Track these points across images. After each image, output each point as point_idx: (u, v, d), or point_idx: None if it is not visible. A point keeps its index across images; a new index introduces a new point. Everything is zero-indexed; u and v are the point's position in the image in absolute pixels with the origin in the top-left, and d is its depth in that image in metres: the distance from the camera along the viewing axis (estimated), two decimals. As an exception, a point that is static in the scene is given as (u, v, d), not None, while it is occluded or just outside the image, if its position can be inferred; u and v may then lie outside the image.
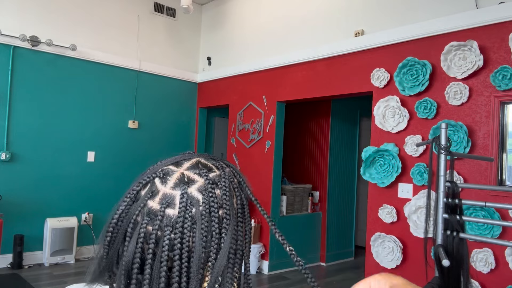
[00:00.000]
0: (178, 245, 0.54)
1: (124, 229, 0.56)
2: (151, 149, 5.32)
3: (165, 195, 0.57)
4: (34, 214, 4.38)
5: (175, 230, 0.54)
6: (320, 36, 4.15)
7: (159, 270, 0.53)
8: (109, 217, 0.58)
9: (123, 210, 0.58)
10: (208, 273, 0.54)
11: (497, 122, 2.82)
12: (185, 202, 0.56)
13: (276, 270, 4.58)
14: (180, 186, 0.58)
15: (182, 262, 0.53)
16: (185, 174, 0.59)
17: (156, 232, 0.55)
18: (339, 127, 5.24)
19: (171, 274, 0.53)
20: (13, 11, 4.30)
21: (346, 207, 5.33)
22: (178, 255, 0.53)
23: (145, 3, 5.32)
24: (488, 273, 2.76)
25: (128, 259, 0.54)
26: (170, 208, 0.56)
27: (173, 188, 0.58)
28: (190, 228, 0.55)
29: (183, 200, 0.56)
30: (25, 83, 4.37)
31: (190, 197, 0.57)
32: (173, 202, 0.56)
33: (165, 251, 0.53)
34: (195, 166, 0.61)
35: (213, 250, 0.55)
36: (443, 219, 1.74)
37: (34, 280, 3.88)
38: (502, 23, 2.82)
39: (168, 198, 0.57)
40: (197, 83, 5.84)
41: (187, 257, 0.54)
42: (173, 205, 0.56)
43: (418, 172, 3.18)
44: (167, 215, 0.56)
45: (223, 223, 0.57)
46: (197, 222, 0.55)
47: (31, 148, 4.40)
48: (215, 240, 0.55)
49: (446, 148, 1.78)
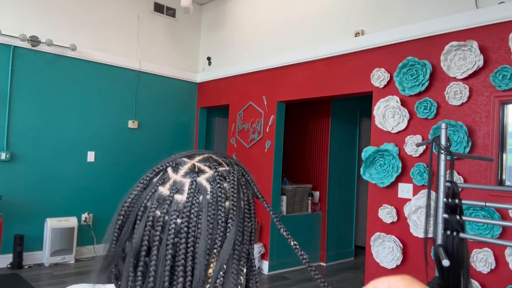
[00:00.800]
0: (184, 229, 0.56)
1: (135, 213, 0.58)
2: (151, 149, 5.32)
3: (175, 182, 0.60)
4: (34, 214, 4.38)
5: (182, 215, 0.56)
6: (320, 36, 4.15)
7: (165, 253, 0.55)
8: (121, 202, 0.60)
9: (135, 195, 0.60)
10: (213, 260, 0.56)
11: (497, 122, 2.82)
12: (194, 189, 0.58)
13: (276, 270, 4.58)
14: (190, 174, 0.60)
15: (187, 246, 0.55)
16: (196, 165, 0.62)
17: (164, 216, 0.57)
18: (339, 127, 5.24)
19: (176, 258, 0.55)
20: (13, 11, 4.30)
21: (346, 207, 5.33)
22: (184, 239, 0.55)
23: (145, 3, 5.32)
24: (488, 273, 2.76)
25: (136, 241, 0.56)
26: (179, 194, 0.59)
27: (183, 176, 0.61)
28: (196, 214, 0.57)
29: (192, 187, 0.59)
30: (25, 83, 4.37)
31: (199, 185, 0.59)
32: (182, 189, 0.59)
33: (171, 235, 0.55)
34: (206, 159, 0.64)
35: (218, 238, 0.56)
36: (443, 219, 1.74)
37: (34, 280, 3.88)
38: (502, 23, 2.82)
39: (178, 185, 0.59)
40: (197, 83, 5.84)
41: (192, 242, 0.55)
42: (182, 191, 0.59)
43: (418, 172, 3.18)
44: (175, 200, 0.58)
45: (230, 213, 0.59)
46: (203, 209, 0.57)
47: (31, 148, 4.40)
48: (220, 229, 0.57)
49: (446, 148, 1.78)
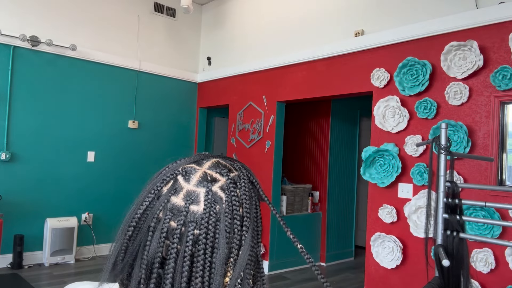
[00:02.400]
0: (202, 240, 0.56)
1: (147, 225, 0.58)
2: (151, 149, 5.32)
3: (189, 192, 0.59)
4: (34, 214, 4.38)
5: (200, 226, 0.56)
6: (320, 36, 4.15)
7: (182, 265, 0.54)
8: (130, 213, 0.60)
9: (147, 206, 0.59)
10: (229, 268, 0.56)
11: (497, 122, 2.83)
12: (210, 199, 0.58)
13: (276, 270, 4.58)
14: (203, 184, 0.60)
15: (206, 257, 0.55)
16: (208, 173, 0.62)
17: (181, 227, 0.56)
18: (339, 127, 5.24)
19: (193, 269, 0.55)
20: (13, 11, 4.30)
21: (346, 207, 5.33)
22: (202, 250, 0.55)
23: (145, 3, 5.32)
24: (488, 273, 2.76)
25: (151, 253, 0.56)
26: (195, 204, 0.58)
27: (196, 185, 0.60)
28: (214, 225, 0.57)
29: (208, 197, 0.58)
30: (25, 83, 4.37)
31: (214, 195, 0.59)
32: (197, 199, 0.58)
33: (189, 246, 0.55)
34: (216, 165, 0.63)
35: (235, 247, 0.57)
36: (443, 219, 1.74)
37: (34, 280, 3.88)
38: (502, 23, 2.82)
39: (192, 195, 0.59)
40: (197, 83, 5.84)
41: (210, 252, 0.55)
42: (197, 201, 0.58)
43: (418, 172, 3.18)
44: (191, 211, 0.57)
45: (244, 221, 0.59)
46: (221, 218, 0.57)
47: (31, 148, 4.40)
48: (237, 237, 0.58)
49: (446, 148, 1.78)
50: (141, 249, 0.57)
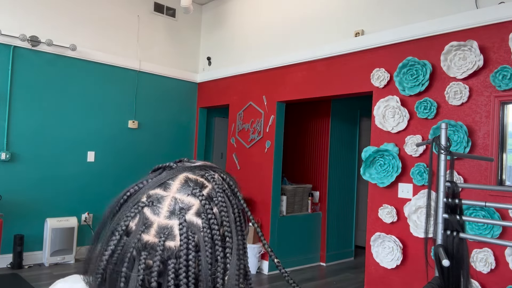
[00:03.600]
0: (183, 274, 0.51)
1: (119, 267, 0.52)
2: (151, 149, 5.32)
3: (160, 227, 0.53)
4: (34, 214, 4.38)
5: (179, 262, 0.52)
6: (320, 36, 4.15)
7: None
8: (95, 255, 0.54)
9: (115, 246, 0.53)
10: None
11: (497, 122, 2.82)
12: (186, 232, 0.53)
13: (276, 270, 4.57)
14: (175, 214, 0.54)
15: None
16: (178, 199, 0.55)
17: (158, 266, 0.51)
18: (339, 127, 5.24)
19: None
20: (13, 11, 4.30)
21: (346, 207, 5.33)
22: (185, 285, 0.51)
23: (145, 3, 5.32)
24: (488, 273, 2.76)
25: None
26: (170, 240, 0.53)
27: (168, 217, 0.54)
28: (194, 259, 0.52)
29: (183, 230, 0.53)
30: (25, 83, 4.37)
31: (190, 224, 0.53)
32: (172, 234, 0.53)
33: (171, 281, 0.51)
34: (185, 184, 0.57)
35: (219, 276, 0.53)
36: (443, 219, 1.74)
37: (34, 280, 3.88)
38: (502, 23, 2.82)
39: (165, 230, 0.53)
40: (197, 83, 5.84)
41: (193, 284, 0.52)
42: (172, 236, 0.53)
43: (418, 172, 3.18)
44: (167, 247, 0.52)
45: (226, 242, 0.55)
46: (201, 250, 0.53)
47: (31, 148, 4.40)
48: (220, 265, 0.53)
49: (446, 148, 1.78)
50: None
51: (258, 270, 4.53)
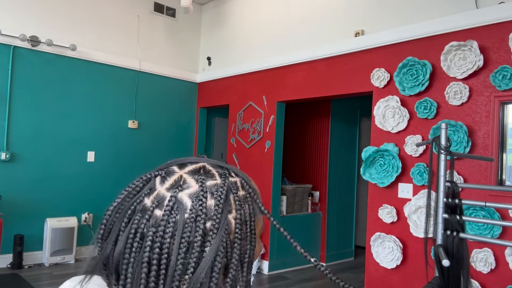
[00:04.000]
0: (156, 249, 0.51)
1: (119, 223, 0.55)
2: (151, 149, 5.32)
3: (158, 195, 0.56)
4: (34, 214, 4.38)
5: (156, 234, 0.52)
6: (320, 36, 4.15)
7: (140, 271, 0.51)
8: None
9: (118, 203, 0.56)
10: (184, 287, 0.51)
11: (497, 122, 2.82)
12: (171, 206, 0.54)
13: (276, 270, 4.58)
14: (174, 188, 0.56)
15: (160, 268, 0.51)
16: (183, 177, 0.57)
17: (142, 230, 0.53)
18: (339, 127, 5.24)
19: (148, 277, 0.51)
20: (13, 11, 4.30)
21: (346, 207, 5.33)
22: (156, 260, 0.51)
23: (145, 3, 5.32)
24: (488, 273, 2.76)
25: (117, 254, 0.53)
26: (158, 209, 0.54)
27: (167, 189, 0.56)
28: (171, 235, 0.52)
29: (169, 203, 0.54)
30: (25, 83, 4.37)
31: (178, 202, 0.54)
32: (162, 204, 0.54)
33: (146, 253, 0.51)
34: (197, 170, 0.59)
35: (191, 263, 0.51)
36: (443, 219, 1.74)
37: (34, 280, 3.88)
38: (502, 23, 2.82)
39: (159, 198, 0.55)
40: (197, 83, 5.84)
41: (165, 264, 0.51)
42: (161, 206, 0.54)
43: (418, 172, 3.18)
44: (154, 215, 0.54)
45: (208, 235, 0.53)
46: (178, 229, 0.52)
47: (31, 148, 4.40)
48: (195, 253, 0.51)
49: (446, 148, 1.78)
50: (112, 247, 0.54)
51: (258, 270, 4.53)
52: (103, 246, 0.55)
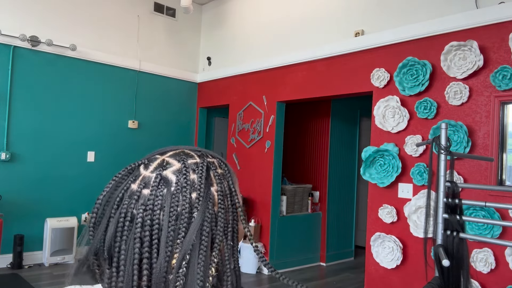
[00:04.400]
0: (148, 221, 0.56)
1: (109, 211, 0.59)
2: (151, 149, 5.16)
3: (143, 177, 0.60)
4: (34, 214, 4.38)
5: (146, 208, 0.57)
6: (320, 36, 4.15)
7: (133, 247, 0.55)
8: None
9: (107, 192, 0.60)
10: (177, 250, 0.56)
11: (497, 122, 2.82)
12: (158, 182, 0.59)
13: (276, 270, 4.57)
14: (158, 169, 0.61)
15: (152, 239, 0.55)
16: (165, 160, 0.63)
17: (131, 210, 0.57)
18: (339, 127, 5.24)
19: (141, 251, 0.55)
20: (13, 11, 4.30)
21: (346, 207, 5.32)
22: (148, 231, 0.55)
23: (145, 3, 5.32)
24: (488, 273, 2.76)
25: (108, 237, 0.57)
26: (146, 188, 0.59)
27: (152, 171, 0.61)
28: (160, 207, 0.57)
29: (156, 180, 0.59)
30: (25, 83, 4.37)
31: (164, 178, 0.59)
32: (149, 183, 0.59)
33: (138, 229, 0.56)
34: (177, 154, 0.64)
35: (181, 229, 0.56)
36: (443, 219, 1.74)
37: (34, 280, 3.88)
38: (502, 23, 2.82)
39: (145, 180, 0.60)
40: (197, 83, 5.84)
41: (157, 234, 0.56)
42: (148, 185, 0.59)
43: (418, 172, 3.18)
44: (142, 195, 0.58)
45: (195, 204, 0.58)
46: (166, 201, 0.57)
47: (31, 148, 4.40)
48: (184, 219, 0.57)
49: (446, 148, 1.78)
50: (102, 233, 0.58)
51: (258, 270, 4.53)
52: (95, 232, 0.58)
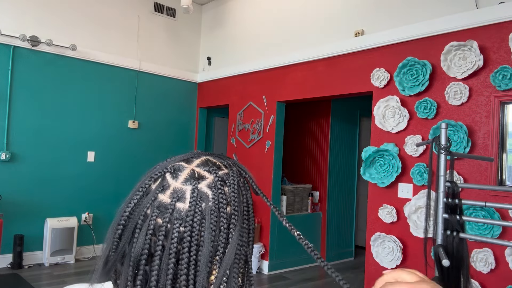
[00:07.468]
0: (187, 237, 0.56)
1: (134, 222, 0.58)
2: (151, 149, 5.32)
3: (176, 189, 0.59)
4: (34, 214, 4.38)
5: (185, 224, 0.56)
6: (320, 36, 4.15)
7: (168, 262, 0.55)
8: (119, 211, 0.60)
9: (135, 204, 0.59)
10: (215, 266, 0.56)
11: (497, 122, 2.82)
12: (196, 197, 0.58)
13: (276, 270, 4.58)
14: (190, 181, 0.60)
15: (190, 255, 0.55)
16: (196, 171, 0.62)
17: (166, 224, 0.56)
18: (339, 127, 5.24)
19: (178, 266, 0.55)
20: (13, 11, 4.30)
21: (346, 207, 5.33)
22: (187, 248, 0.55)
23: (145, 3, 5.32)
24: (488, 273, 2.76)
25: (137, 250, 0.55)
26: (181, 202, 0.58)
27: (183, 183, 0.60)
28: (199, 222, 0.57)
29: (194, 195, 0.58)
30: (25, 83, 4.37)
31: (200, 193, 0.59)
32: (183, 197, 0.58)
33: (174, 243, 0.55)
34: (205, 163, 0.63)
35: (221, 245, 0.57)
36: (443, 219, 1.74)
37: (34, 280, 3.88)
38: (502, 23, 2.82)
39: (178, 192, 0.59)
40: (197, 83, 5.84)
41: (195, 250, 0.55)
42: (183, 199, 0.58)
43: (418, 172, 3.18)
44: (177, 208, 0.57)
45: (232, 219, 0.59)
46: (206, 216, 0.57)
47: (31, 148, 4.40)
48: (223, 235, 0.57)
49: (446, 148, 1.78)
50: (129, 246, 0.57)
51: (258, 270, 4.54)
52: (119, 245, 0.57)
